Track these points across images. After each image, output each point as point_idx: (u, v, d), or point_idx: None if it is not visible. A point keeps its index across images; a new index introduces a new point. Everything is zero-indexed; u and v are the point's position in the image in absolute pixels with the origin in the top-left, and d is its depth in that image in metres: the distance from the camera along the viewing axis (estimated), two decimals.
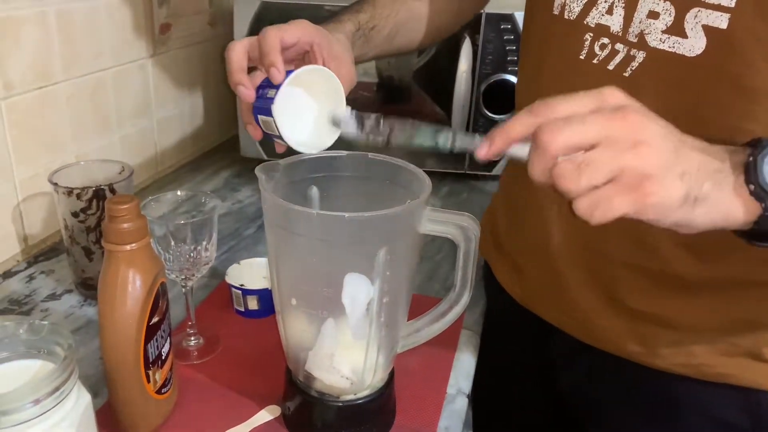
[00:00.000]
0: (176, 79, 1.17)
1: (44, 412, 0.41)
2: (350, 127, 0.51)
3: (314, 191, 0.60)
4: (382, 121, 0.48)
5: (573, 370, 0.73)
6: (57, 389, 0.42)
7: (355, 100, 0.64)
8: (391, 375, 0.61)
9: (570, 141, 0.41)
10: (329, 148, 0.59)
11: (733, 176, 0.42)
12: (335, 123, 0.55)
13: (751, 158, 0.42)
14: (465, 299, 0.57)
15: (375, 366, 0.57)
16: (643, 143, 0.40)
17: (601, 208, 0.40)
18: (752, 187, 0.41)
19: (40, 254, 0.88)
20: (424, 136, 0.48)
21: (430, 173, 0.56)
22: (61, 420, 0.43)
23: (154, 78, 1.10)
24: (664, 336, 0.61)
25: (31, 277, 0.82)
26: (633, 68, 0.55)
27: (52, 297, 0.79)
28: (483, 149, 0.45)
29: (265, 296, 0.74)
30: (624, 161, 0.40)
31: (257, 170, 0.54)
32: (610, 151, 0.40)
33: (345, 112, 0.52)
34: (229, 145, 1.33)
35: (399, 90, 1.19)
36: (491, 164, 1.14)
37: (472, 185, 1.17)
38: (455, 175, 1.18)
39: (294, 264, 0.55)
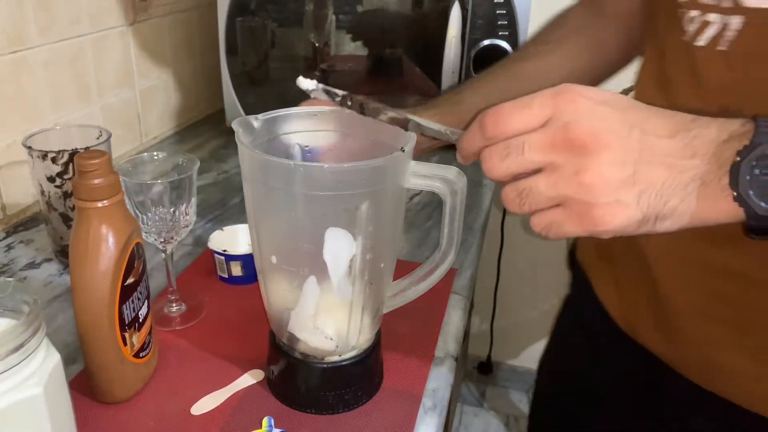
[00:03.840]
0: (159, 48, 1.14)
1: (9, 369, 0.40)
2: (320, 97, 0.50)
3: (296, 148, 0.58)
4: (350, 99, 0.48)
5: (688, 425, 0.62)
6: (21, 345, 0.40)
7: (345, 72, 0.62)
8: (378, 337, 0.59)
9: (509, 171, 0.39)
10: None
11: (716, 178, 0.37)
12: (304, 91, 0.52)
13: (738, 158, 0.36)
14: (451, 257, 0.55)
15: (360, 326, 0.55)
16: (586, 170, 0.37)
17: (553, 229, 0.39)
18: (735, 194, 0.37)
19: (20, 224, 0.86)
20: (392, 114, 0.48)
21: None
22: (28, 377, 0.41)
23: (135, 46, 1.07)
24: None
25: (9, 247, 0.80)
26: (729, 39, 0.48)
27: (31, 266, 0.77)
28: (459, 158, 0.44)
29: (248, 262, 0.72)
30: (565, 191, 0.37)
31: (234, 124, 0.52)
32: (551, 178, 0.38)
33: (312, 84, 0.50)
34: (215, 117, 1.30)
35: (389, 63, 1.16)
36: None
37: None
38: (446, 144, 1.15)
39: (273, 220, 0.53)
